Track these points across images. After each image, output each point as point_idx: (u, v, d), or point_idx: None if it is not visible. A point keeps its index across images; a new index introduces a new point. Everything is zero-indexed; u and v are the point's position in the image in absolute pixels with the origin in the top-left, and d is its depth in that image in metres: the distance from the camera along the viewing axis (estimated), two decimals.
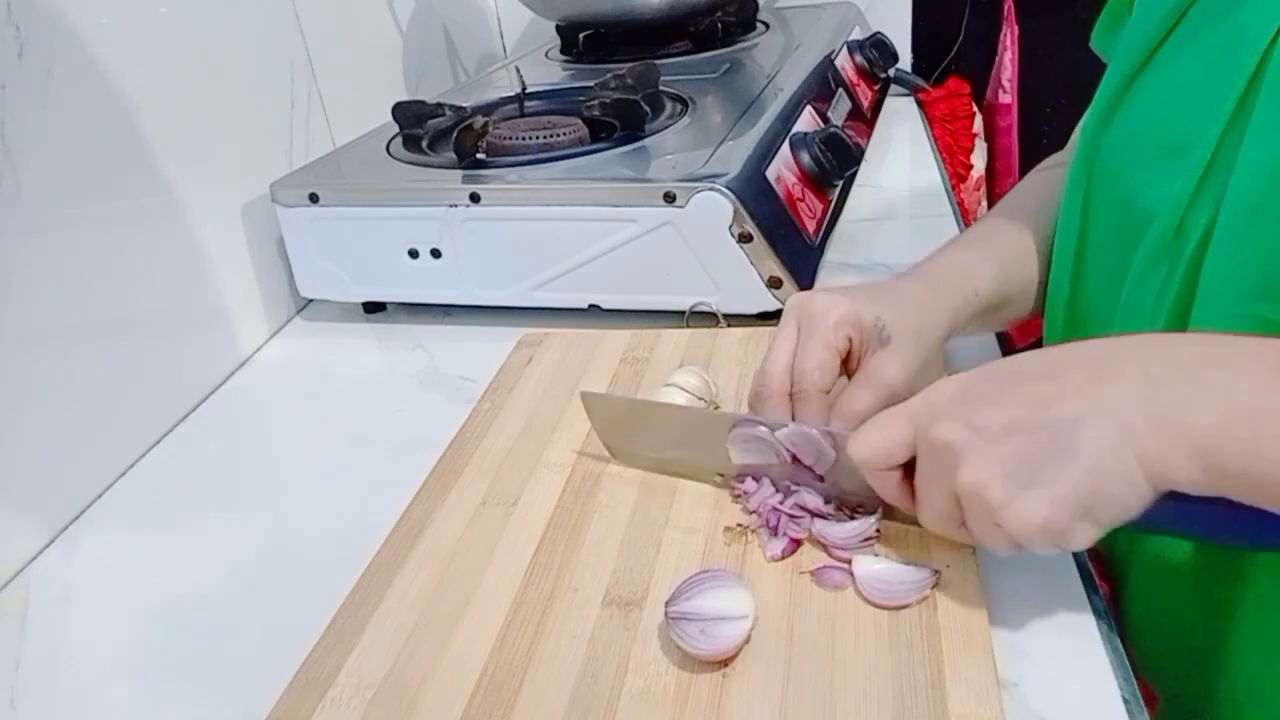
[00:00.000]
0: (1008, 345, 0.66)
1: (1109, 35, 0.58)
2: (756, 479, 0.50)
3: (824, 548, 0.46)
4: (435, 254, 0.75)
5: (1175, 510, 0.38)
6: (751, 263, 0.68)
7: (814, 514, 0.47)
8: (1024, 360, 0.41)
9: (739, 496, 0.50)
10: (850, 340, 0.50)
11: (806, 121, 0.83)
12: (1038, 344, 0.60)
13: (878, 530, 0.46)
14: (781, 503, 0.48)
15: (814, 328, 0.50)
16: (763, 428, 0.48)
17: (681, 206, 0.67)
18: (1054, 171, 0.63)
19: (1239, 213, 0.42)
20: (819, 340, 0.50)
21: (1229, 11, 0.44)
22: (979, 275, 0.56)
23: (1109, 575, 0.54)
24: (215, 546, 0.57)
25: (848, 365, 0.51)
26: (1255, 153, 0.41)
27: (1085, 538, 0.38)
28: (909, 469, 0.43)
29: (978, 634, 0.40)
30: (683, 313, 0.70)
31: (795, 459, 0.48)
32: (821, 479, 0.48)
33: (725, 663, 0.41)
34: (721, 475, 0.51)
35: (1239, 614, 0.46)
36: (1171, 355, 0.39)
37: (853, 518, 0.47)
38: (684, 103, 0.88)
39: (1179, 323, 0.45)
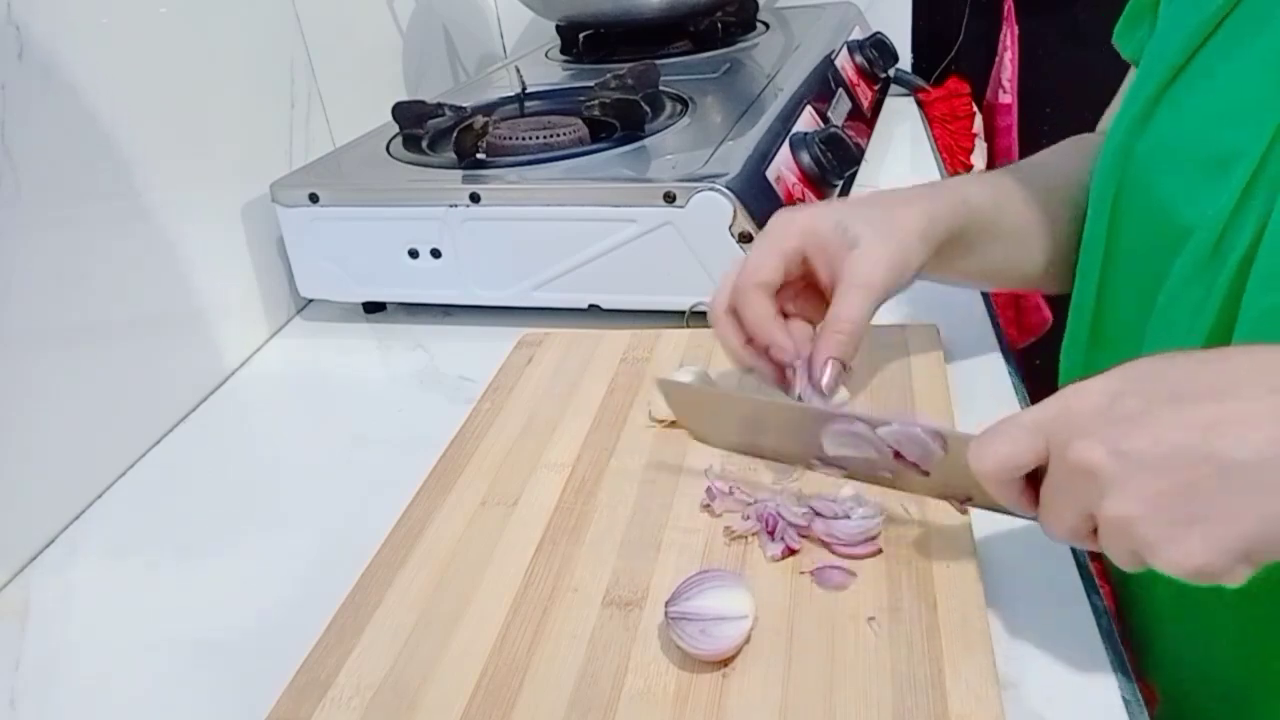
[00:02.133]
0: (1007, 344, 0.66)
1: (1132, 33, 0.56)
2: (729, 492, 0.50)
3: (826, 546, 0.46)
4: (435, 254, 0.75)
5: None
6: None
7: (817, 513, 0.47)
8: (1181, 369, 0.36)
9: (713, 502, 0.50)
10: (803, 246, 0.49)
11: (806, 121, 0.83)
12: (1039, 344, 0.59)
13: (880, 529, 0.46)
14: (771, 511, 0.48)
15: (764, 235, 0.50)
16: (860, 424, 0.45)
17: (681, 206, 0.67)
18: (1087, 139, 0.62)
19: None
20: (764, 243, 0.49)
21: (1276, 18, 0.42)
22: (967, 187, 0.56)
23: (1109, 576, 0.54)
24: (215, 547, 0.57)
25: (820, 281, 0.51)
26: None
27: (1240, 579, 0.34)
28: (1031, 476, 0.39)
29: (978, 634, 0.40)
30: (683, 313, 0.70)
31: (898, 455, 0.45)
32: (926, 474, 0.45)
33: (725, 663, 0.41)
34: (819, 459, 0.47)
35: (1248, 619, 0.46)
36: None
37: (848, 517, 0.47)
38: (684, 103, 0.88)
39: (1220, 344, 0.43)
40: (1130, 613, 0.52)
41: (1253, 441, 0.33)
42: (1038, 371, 0.66)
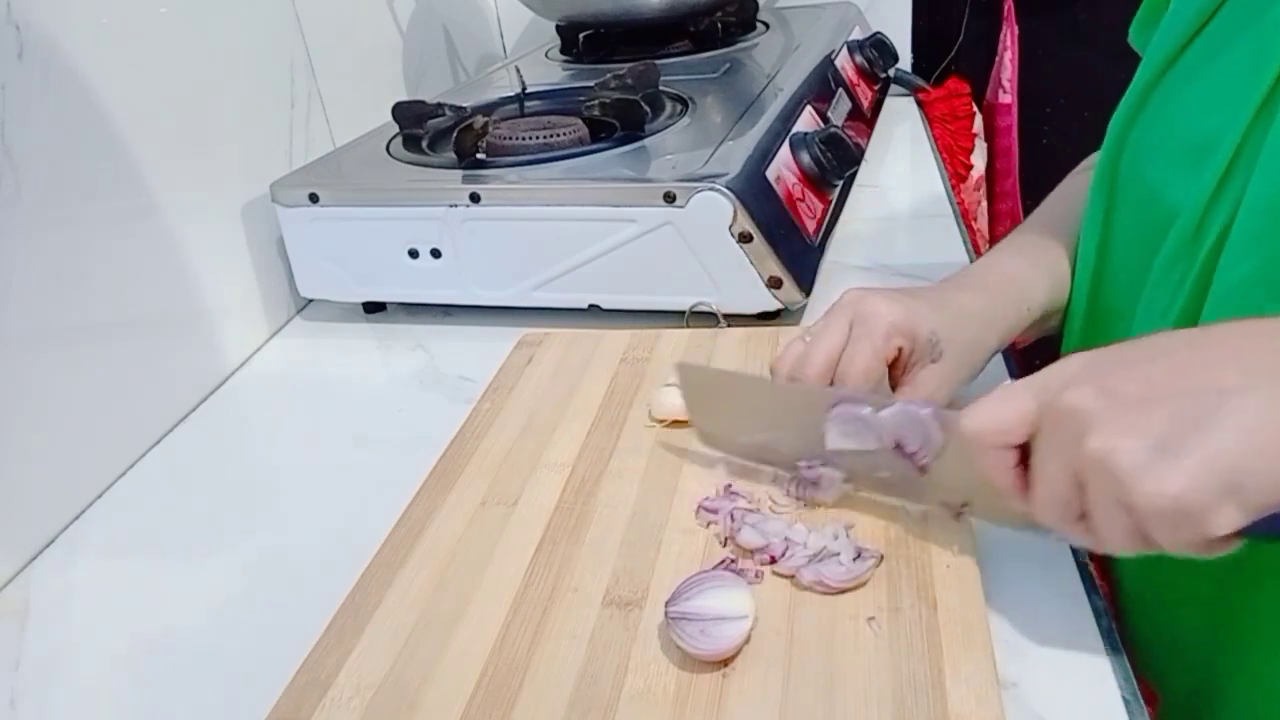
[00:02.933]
0: (1007, 351, 0.66)
1: (1146, 31, 0.57)
2: (712, 510, 0.49)
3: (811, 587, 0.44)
4: (435, 254, 0.75)
5: None
6: (751, 263, 0.68)
7: (814, 557, 0.45)
8: (1161, 337, 0.38)
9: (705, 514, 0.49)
10: (900, 350, 0.49)
11: (806, 121, 0.83)
12: (1039, 344, 0.59)
13: (870, 574, 0.44)
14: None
15: (867, 331, 0.48)
16: (866, 408, 0.45)
17: (681, 206, 0.67)
18: (1089, 174, 0.63)
19: (1256, 215, 0.41)
20: (869, 346, 0.48)
21: (1261, 12, 0.44)
22: (1033, 289, 0.55)
23: (1109, 575, 0.54)
24: (215, 547, 0.57)
25: (893, 371, 0.50)
26: (1276, 155, 0.40)
27: (1228, 521, 0.33)
28: (1024, 459, 0.39)
29: (978, 634, 0.40)
30: (683, 313, 0.70)
31: (897, 446, 0.45)
32: (923, 470, 0.44)
33: (725, 663, 0.41)
34: (806, 463, 0.48)
35: (1251, 616, 0.46)
36: None
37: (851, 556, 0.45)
38: (684, 103, 0.88)
39: (1189, 325, 0.44)
40: (1130, 613, 0.52)
41: (1228, 371, 0.34)
42: (1037, 372, 0.66)
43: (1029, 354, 0.57)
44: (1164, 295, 0.47)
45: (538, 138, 0.79)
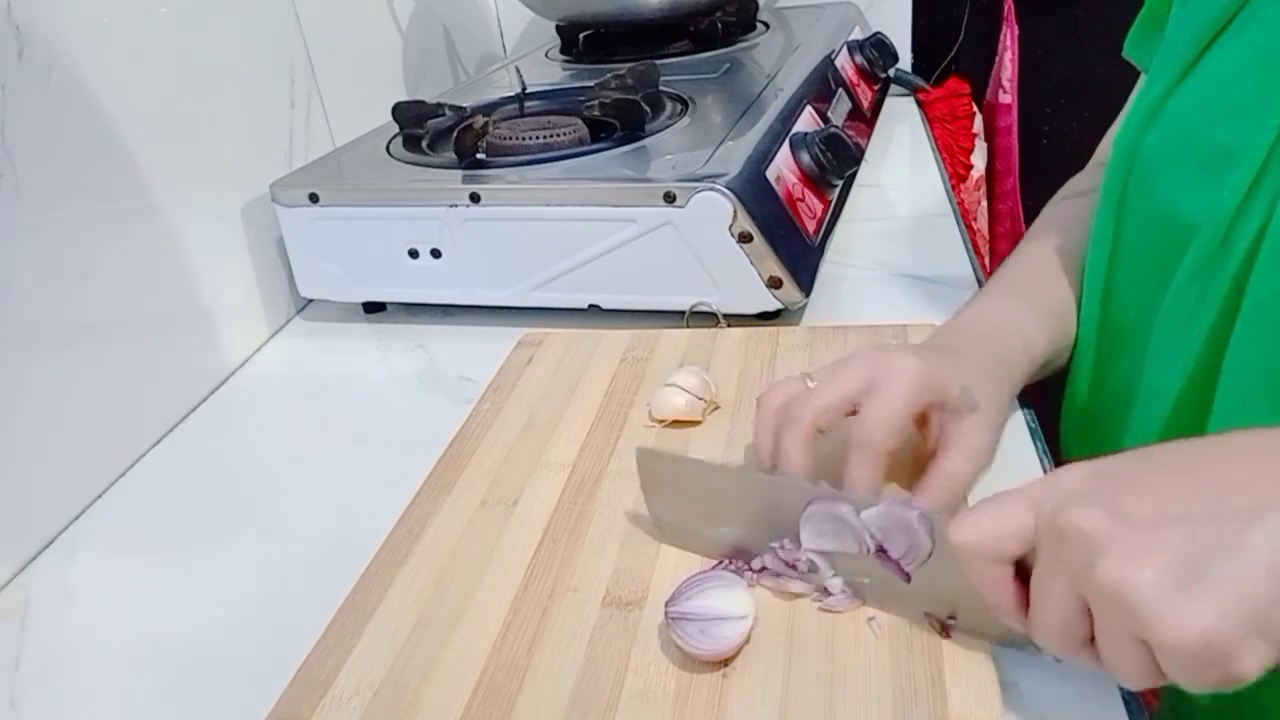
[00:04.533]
0: None
1: (1144, 44, 0.56)
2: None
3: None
4: (435, 254, 0.75)
5: None
6: (751, 263, 0.68)
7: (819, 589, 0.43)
8: (1170, 448, 0.35)
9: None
10: (929, 407, 0.46)
11: (806, 121, 0.83)
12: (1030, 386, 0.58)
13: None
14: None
15: (891, 383, 0.45)
16: (846, 506, 0.42)
17: (681, 206, 0.67)
18: (1077, 201, 0.61)
19: None
20: (896, 397, 0.44)
21: (1276, 18, 0.43)
22: (1034, 337, 0.53)
23: None
24: (215, 547, 0.57)
25: (927, 431, 0.48)
26: None
27: (1256, 660, 0.30)
28: (1020, 572, 0.36)
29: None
30: (683, 313, 0.70)
31: (880, 550, 0.41)
32: (908, 577, 0.41)
33: (725, 663, 0.41)
34: (783, 546, 0.44)
35: None
36: None
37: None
38: (684, 103, 0.88)
39: (1219, 339, 0.43)
40: None
41: (1255, 487, 0.31)
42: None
43: (1028, 391, 0.56)
44: (1184, 310, 0.45)
45: (538, 138, 0.79)
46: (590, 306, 0.74)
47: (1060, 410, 0.59)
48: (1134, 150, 0.50)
